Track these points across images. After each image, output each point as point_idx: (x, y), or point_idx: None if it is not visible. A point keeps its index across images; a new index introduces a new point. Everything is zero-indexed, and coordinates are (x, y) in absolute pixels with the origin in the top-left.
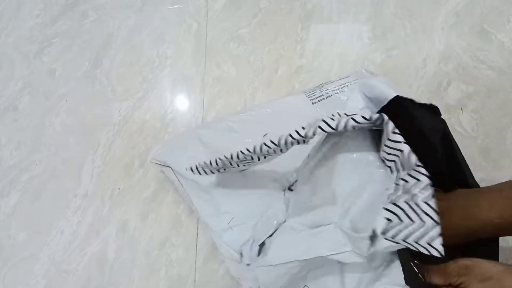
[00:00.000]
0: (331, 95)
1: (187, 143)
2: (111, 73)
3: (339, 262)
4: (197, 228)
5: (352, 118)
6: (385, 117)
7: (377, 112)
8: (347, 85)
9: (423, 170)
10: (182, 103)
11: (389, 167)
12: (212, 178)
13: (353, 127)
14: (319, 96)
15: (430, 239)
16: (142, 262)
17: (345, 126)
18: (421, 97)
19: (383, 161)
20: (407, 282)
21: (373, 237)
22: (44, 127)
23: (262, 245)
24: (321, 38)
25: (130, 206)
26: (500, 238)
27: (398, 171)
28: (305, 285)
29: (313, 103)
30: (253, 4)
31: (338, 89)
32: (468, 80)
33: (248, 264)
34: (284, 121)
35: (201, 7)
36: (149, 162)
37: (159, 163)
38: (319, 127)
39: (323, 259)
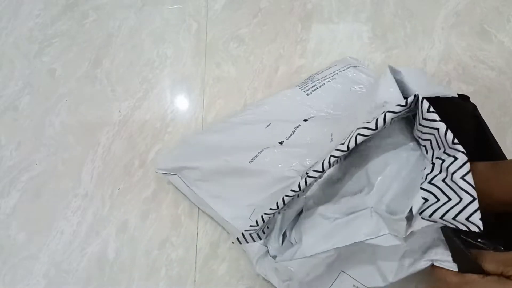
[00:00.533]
0: (324, 83)
1: (191, 150)
2: (111, 73)
3: (371, 246)
4: (197, 228)
5: (389, 111)
6: (420, 96)
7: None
8: (337, 73)
9: (460, 147)
10: (182, 103)
11: (424, 146)
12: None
13: (392, 119)
14: (312, 87)
15: (468, 215)
16: (142, 262)
17: (385, 121)
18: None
19: (417, 141)
20: (455, 260)
21: (409, 218)
22: (44, 127)
23: (284, 234)
24: (321, 38)
25: (130, 206)
26: None
27: (433, 150)
28: (342, 271)
29: (307, 94)
30: (253, 4)
31: (329, 77)
32: (468, 80)
33: (274, 257)
34: (284, 115)
35: (201, 7)
36: (149, 162)
37: (165, 172)
38: (359, 134)
39: (357, 245)
